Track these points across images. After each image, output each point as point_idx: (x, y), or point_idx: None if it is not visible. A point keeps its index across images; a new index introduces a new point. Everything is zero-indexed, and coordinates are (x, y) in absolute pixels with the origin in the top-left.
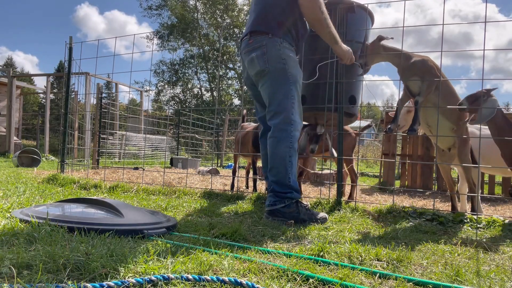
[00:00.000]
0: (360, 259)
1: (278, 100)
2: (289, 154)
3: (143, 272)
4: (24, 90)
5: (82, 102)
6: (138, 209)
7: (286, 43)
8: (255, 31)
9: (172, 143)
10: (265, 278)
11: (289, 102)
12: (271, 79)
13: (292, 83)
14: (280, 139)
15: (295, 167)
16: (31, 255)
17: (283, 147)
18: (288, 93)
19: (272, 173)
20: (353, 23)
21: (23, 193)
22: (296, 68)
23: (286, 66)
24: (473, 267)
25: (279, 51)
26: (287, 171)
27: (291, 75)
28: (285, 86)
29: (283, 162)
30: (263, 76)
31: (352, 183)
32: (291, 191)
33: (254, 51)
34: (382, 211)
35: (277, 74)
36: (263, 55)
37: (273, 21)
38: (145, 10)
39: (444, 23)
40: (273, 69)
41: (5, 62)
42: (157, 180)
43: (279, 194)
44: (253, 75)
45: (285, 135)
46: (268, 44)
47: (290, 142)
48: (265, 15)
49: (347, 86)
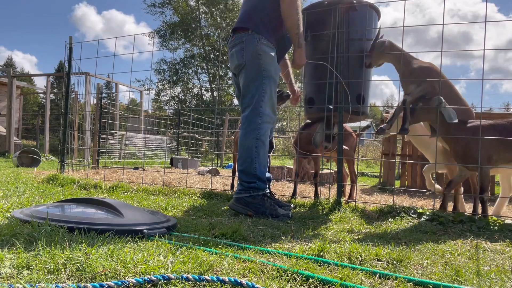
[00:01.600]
0: (360, 259)
1: (251, 93)
2: (255, 145)
3: (143, 272)
4: (24, 90)
5: (82, 102)
6: (138, 209)
7: (265, 40)
8: (237, 28)
9: (172, 143)
10: (265, 278)
11: (259, 95)
12: (246, 72)
13: (266, 77)
14: (248, 130)
15: (262, 158)
16: (31, 255)
17: (250, 138)
18: (260, 87)
19: (239, 162)
20: (356, 21)
21: (23, 193)
22: (272, 64)
23: (261, 61)
24: (473, 267)
25: (256, 47)
26: (253, 161)
27: (265, 70)
28: (258, 80)
29: (249, 152)
30: (241, 70)
31: (351, 183)
32: (255, 181)
33: (235, 47)
34: (382, 211)
35: (252, 68)
36: (242, 50)
37: (255, 19)
38: (149, 7)
39: (444, 23)
40: (249, 63)
41: (5, 62)
42: (157, 180)
43: (244, 184)
44: (233, 69)
45: (253, 127)
46: (247, 40)
47: (257, 133)
48: (248, 14)
49: (355, 85)
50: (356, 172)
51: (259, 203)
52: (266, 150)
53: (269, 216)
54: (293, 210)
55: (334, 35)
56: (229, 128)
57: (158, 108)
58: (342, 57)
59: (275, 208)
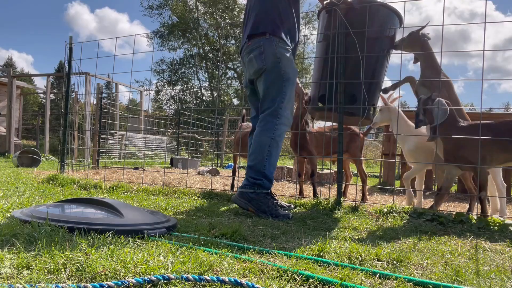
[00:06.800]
0: (360, 259)
1: (272, 96)
2: (269, 144)
3: (143, 272)
4: (24, 90)
5: (82, 102)
6: (138, 209)
7: (282, 43)
8: (253, 34)
9: (172, 143)
10: (265, 278)
11: (280, 98)
12: (266, 76)
13: (285, 80)
14: (264, 128)
15: (273, 158)
16: (31, 255)
17: (265, 137)
18: (280, 90)
19: (250, 158)
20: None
21: (23, 193)
22: (290, 66)
23: (280, 65)
24: (473, 267)
25: (275, 50)
26: (264, 159)
27: (284, 73)
28: (278, 83)
29: (262, 150)
30: (261, 74)
31: (362, 183)
32: (262, 179)
33: (253, 52)
34: (382, 211)
35: (272, 72)
36: (261, 54)
37: (270, 23)
38: (146, 9)
39: (443, 23)
40: (269, 67)
41: (5, 62)
42: (157, 180)
43: (251, 179)
44: (252, 74)
45: (270, 126)
46: (265, 44)
47: (273, 133)
48: (262, 18)
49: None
50: (351, 173)
51: (261, 200)
52: (279, 152)
53: (270, 216)
54: (293, 210)
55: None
56: (229, 128)
57: (158, 108)
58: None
59: (276, 208)
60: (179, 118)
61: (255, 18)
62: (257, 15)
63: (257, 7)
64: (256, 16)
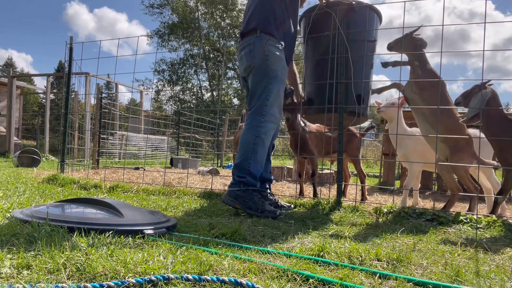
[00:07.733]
0: (360, 259)
1: (258, 93)
2: (254, 141)
3: (143, 272)
4: (24, 90)
5: (82, 102)
6: (138, 209)
7: (273, 40)
8: (245, 32)
9: (172, 143)
10: (265, 278)
11: (265, 95)
12: (254, 73)
13: (273, 77)
14: (249, 126)
15: (259, 156)
16: (31, 255)
17: (250, 135)
18: (266, 87)
19: (237, 157)
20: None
21: (23, 193)
22: (279, 64)
23: (268, 62)
24: (473, 267)
25: (264, 47)
26: (249, 157)
27: (272, 70)
28: (265, 80)
29: (246, 148)
30: (250, 71)
31: (361, 183)
32: (246, 176)
33: (244, 50)
34: (382, 211)
35: (259, 69)
36: (250, 52)
37: (261, 18)
38: (147, 7)
39: (443, 23)
40: (257, 64)
41: (5, 62)
42: (157, 180)
43: (237, 178)
44: (243, 71)
45: (254, 124)
46: (255, 42)
47: (257, 131)
48: (254, 15)
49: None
50: (349, 173)
51: (247, 197)
52: (265, 149)
53: (255, 211)
54: (293, 210)
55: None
56: (229, 128)
57: (158, 108)
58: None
59: (263, 203)
60: (179, 118)
61: (249, 16)
62: (251, 13)
63: (252, 6)
64: (250, 14)
